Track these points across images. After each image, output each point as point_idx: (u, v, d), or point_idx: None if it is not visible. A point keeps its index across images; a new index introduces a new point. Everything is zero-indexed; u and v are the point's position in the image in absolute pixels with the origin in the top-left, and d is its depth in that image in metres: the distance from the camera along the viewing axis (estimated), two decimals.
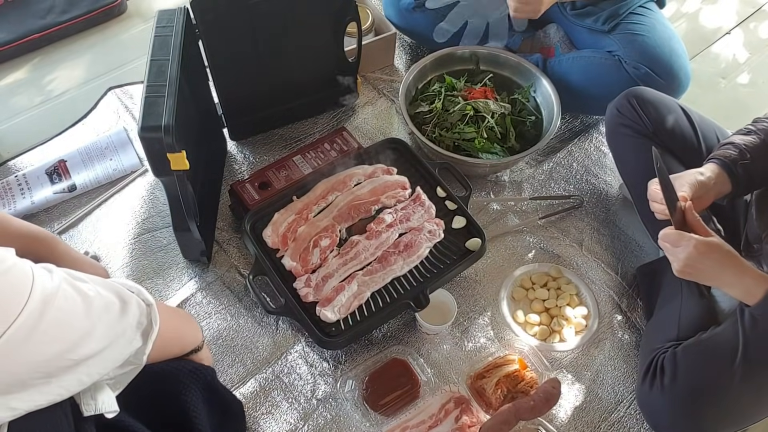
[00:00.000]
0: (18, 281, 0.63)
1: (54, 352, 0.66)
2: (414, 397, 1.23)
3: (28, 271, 0.65)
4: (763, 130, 1.19)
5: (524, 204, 1.57)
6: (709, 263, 1.07)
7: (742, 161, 1.15)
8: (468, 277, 1.43)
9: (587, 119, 1.75)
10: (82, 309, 0.69)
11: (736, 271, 1.06)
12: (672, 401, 1.13)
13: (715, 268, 1.07)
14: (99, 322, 0.71)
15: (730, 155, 1.17)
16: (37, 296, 0.64)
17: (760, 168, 1.16)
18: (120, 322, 0.75)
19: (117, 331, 0.75)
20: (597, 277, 1.44)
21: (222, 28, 1.37)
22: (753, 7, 2.18)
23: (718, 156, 1.18)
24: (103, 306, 0.72)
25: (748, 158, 1.15)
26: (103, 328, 0.72)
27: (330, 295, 1.27)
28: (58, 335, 0.66)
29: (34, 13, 1.89)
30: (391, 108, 1.75)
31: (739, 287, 1.07)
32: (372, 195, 1.42)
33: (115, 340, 0.74)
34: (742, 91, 1.94)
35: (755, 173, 1.16)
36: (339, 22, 1.49)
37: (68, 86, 1.81)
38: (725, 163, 1.16)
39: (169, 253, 1.44)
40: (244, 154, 1.63)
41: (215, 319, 1.34)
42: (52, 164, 1.57)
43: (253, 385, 1.26)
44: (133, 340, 0.78)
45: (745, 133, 1.21)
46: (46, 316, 0.64)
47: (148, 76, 1.17)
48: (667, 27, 1.58)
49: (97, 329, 0.70)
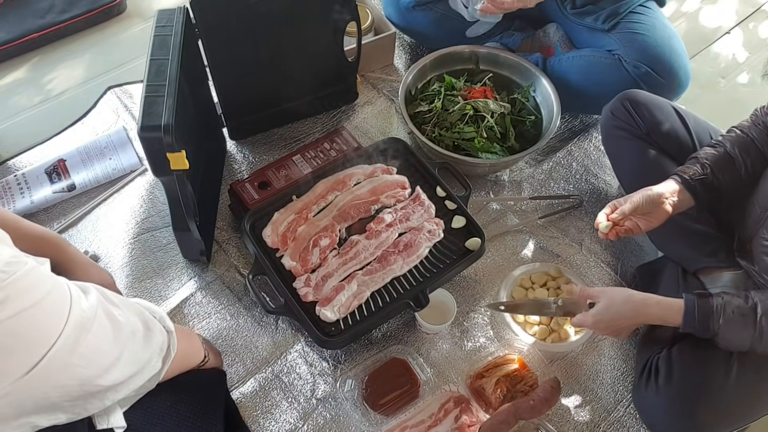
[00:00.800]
0: (56, 305, 0.64)
1: (86, 377, 0.67)
2: (413, 396, 1.23)
3: (66, 294, 0.65)
4: (729, 139, 1.21)
5: (524, 204, 1.57)
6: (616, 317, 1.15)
7: (701, 176, 1.17)
8: (468, 276, 1.43)
9: (587, 119, 1.75)
10: (112, 335, 0.70)
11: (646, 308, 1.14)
12: (667, 401, 1.14)
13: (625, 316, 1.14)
14: (126, 348, 0.72)
15: (691, 171, 1.19)
16: (73, 321, 0.64)
17: (723, 181, 1.18)
18: (145, 348, 0.77)
19: (143, 358, 0.76)
20: (596, 277, 1.44)
21: (221, 27, 1.37)
22: (752, 6, 2.18)
23: (678, 172, 1.20)
24: (130, 333, 0.74)
25: (707, 173, 1.17)
26: (129, 354, 0.73)
27: (330, 295, 1.27)
28: (92, 361, 0.67)
29: (34, 13, 1.89)
30: (390, 107, 1.75)
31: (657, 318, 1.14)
32: (372, 195, 1.42)
33: (143, 367, 0.76)
34: (741, 91, 1.94)
35: (718, 186, 1.18)
36: (339, 22, 1.49)
37: (68, 86, 1.81)
38: (684, 180, 1.18)
39: (168, 253, 1.44)
40: (243, 154, 1.63)
41: (215, 318, 1.34)
42: (52, 164, 1.57)
43: (253, 384, 1.26)
44: (155, 366, 0.80)
45: (713, 146, 1.23)
46: (82, 342, 0.64)
47: (148, 75, 1.17)
48: (667, 26, 1.58)
49: (123, 355, 0.72)
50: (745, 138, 1.19)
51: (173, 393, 1.01)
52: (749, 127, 1.20)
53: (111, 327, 0.70)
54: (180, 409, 1.02)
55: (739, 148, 1.18)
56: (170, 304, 1.36)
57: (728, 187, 1.19)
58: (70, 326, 0.63)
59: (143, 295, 1.37)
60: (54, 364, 0.62)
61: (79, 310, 0.65)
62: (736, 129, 1.22)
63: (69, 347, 0.63)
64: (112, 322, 0.70)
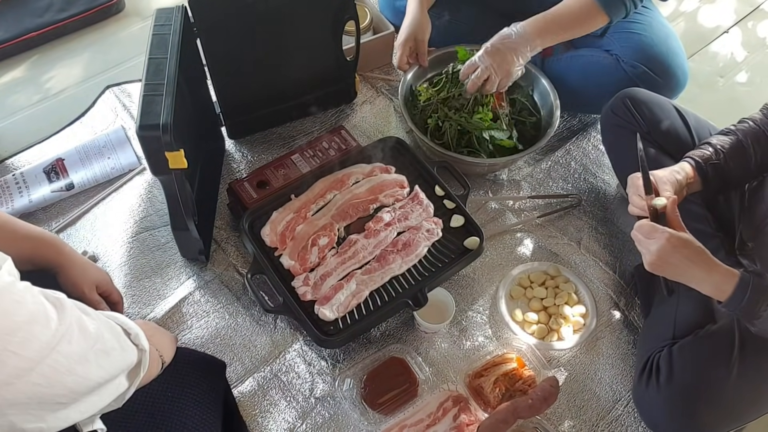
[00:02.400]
0: (30, 322, 0.62)
1: (52, 393, 0.65)
2: (412, 395, 1.23)
3: (42, 313, 0.64)
4: (742, 130, 1.21)
5: (522, 203, 1.57)
6: (680, 258, 1.05)
7: (714, 161, 1.17)
8: (466, 275, 1.43)
9: (585, 118, 1.75)
10: (82, 353, 0.68)
11: (706, 267, 1.05)
12: (668, 400, 1.14)
13: (685, 263, 1.05)
14: (98, 368, 0.70)
15: (704, 155, 1.19)
16: (45, 339, 0.63)
17: (733, 168, 1.18)
18: (115, 366, 0.75)
19: (107, 375, 0.73)
20: (595, 276, 1.44)
21: (220, 26, 1.37)
22: (751, 6, 2.19)
23: (691, 155, 1.20)
24: (102, 351, 0.72)
25: (720, 158, 1.17)
26: (99, 371, 0.71)
27: (328, 294, 1.27)
28: (55, 381, 0.65)
29: (32, 12, 1.89)
30: (389, 107, 1.75)
31: (708, 283, 1.05)
32: (370, 194, 1.42)
33: (105, 385, 0.73)
34: (740, 90, 1.95)
35: (728, 173, 1.18)
36: (337, 21, 1.49)
37: (66, 84, 1.81)
38: (698, 163, 1.18)
39: (167, 252, 1.44)
40: (242, 153, 1.62)
41: (213, 317, 1.34)
42: (50, 163, 1.57)
43: (252, 383, 1.26)
44: (120, 384, 0.77)
45: (725, 133, 1.23)
46: (47, 361, 0.63)
47: (146, 74, 1.17)
48: (664, 25, 1.58)
49: (92, 374, 0.70)
50: (757, 129, 1.20)
51: (173, 378, 1.00)
52: (761, 120, 1.21)
53: (84, 343, 0.68)
54: (180, 394, 1.01)
55: (751, 138, 1.19)
56: (168, 303, 1.36)
57: (737, 176, 1.18)
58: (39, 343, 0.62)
59: (141, 294, 1.37)
60: (13, 381, 0.60)
61: (51, 330, 0.63)
62: (748, 120, 1.22)
63: (29, 365, 0.61)
64: (85, 338, 0.68)
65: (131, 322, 0.83)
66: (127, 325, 0.81)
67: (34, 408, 0.64)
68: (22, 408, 0.63)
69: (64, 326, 0.65)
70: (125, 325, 0.81)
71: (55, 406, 0.66)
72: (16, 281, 0.64)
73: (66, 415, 0.68)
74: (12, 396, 0.61)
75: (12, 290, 0.62)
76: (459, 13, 1.73)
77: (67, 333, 0.65)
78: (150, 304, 1.35)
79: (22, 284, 0.64)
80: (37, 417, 0.65)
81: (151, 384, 0.90)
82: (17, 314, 0.61)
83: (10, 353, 0.59)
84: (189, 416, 0.99)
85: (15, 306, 0.61)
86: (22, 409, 0.63)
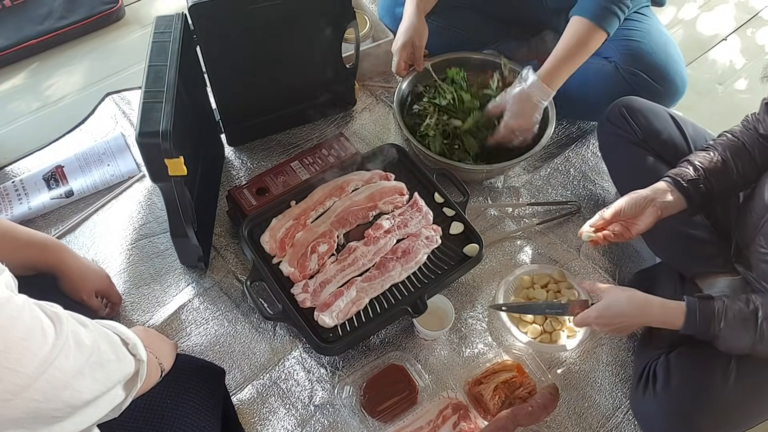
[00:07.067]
0: (27, 338, 0.61)
1: (48, 408, 0.64)
2: (412, 403, 1.23)
3: (39, 328, 0.63)
4: (721, 144, 1.21)
5: (522, 210, 1.57)
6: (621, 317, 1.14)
7: (693, 178, 1.17)
8: (466, 282, 1.43)
9: (584, 125, 1.75)
10: (78, 367, 0.67)
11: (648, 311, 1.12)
12: (665, 407, 1.14)
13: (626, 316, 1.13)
14: (93, 380, 0.69)
15: (683, 173, 1.19)
16: (42, 355, 0.62)
17: (715, 184, 1.18)
18: (111, 378, 0.74)
19: (104, 387, 0.72)
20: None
21: (220, 34, 1.37)
22: (749, 13, 2.19)
23: (670, 174, 1.21)
24: (98, 363, 0.71)
25: (700, 175, 1.17)
26: (95, 384, 0.70)
27: (328, 301, 1.27)
28: (52, 396, 0.64)
29: (32, 19, 1.90)
30: (388, 114, 1.75)
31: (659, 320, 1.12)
32: (370, 201, 1.42)
33: (101, 397, 0.72)
34: (739, 97, 1.95)
35: (710, 189, 1.18)
36: (337, 29, 1.50)
37: (66, 92, 1.81)
38: (676, 182, 1.19)
39: (166, 259, 1.43)
40: (241, 160, 1.63)
41: (212, 325, 1.34)
42: (50, 170, 1.57)
43: (251, 391, 1.26)
44: (117, 395, 0.76)
45: (705, 149, 1.23)
46: (45, 376, 0.62)
47: (146, 81, 1.17)
48: (663, 33, 1.59)
49: (88, 387, 0.69)
50: (736, 142, 1.20)
51: (172, 385, 1.00)
52: (741, 132, 1.21)
53: (80, 357, 0.67)
54: (179, 401, 1.00)
55: (731, 152, 1.19)
56: (167, 311, 1.35)
57: (720, 190, 1.19)
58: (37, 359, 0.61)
59: (140, 301, 1.36)
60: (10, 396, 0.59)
61: (48, 347, 0.62)
62: (727, 133, 1.23)
63: (26, 382, 0.60)
64: (81, 351, 0.67)
65: (130, 331, 0.82)
66: (125, 334, 0.80)
67: (30, 423, 0.63)
68: (17, 423, 0.62)
69: (61, 341, 0.64)
70: (123, 334, 0.80)
71: (50, 420, 0.65)
72: (13, 296, 0.63)
73: (61, 427, 0.67)
74: (8, 412, 0.60)
75: (9, 305, 0.61)
76: (456, 19, 1.74)
77: (65, 347, 0.64)
78: (149, 312, 1.35)
79: (19, 298, 0.63)
80: (31, 431, 0.64)
81: (150, 391, 0.89)
82: (14, 330, 0.60)
83: (7, 370, 0.58)
84: (188, 423, 0.99)
85: (12, 322, 0.60)
86: (18, 424, 0.62)
